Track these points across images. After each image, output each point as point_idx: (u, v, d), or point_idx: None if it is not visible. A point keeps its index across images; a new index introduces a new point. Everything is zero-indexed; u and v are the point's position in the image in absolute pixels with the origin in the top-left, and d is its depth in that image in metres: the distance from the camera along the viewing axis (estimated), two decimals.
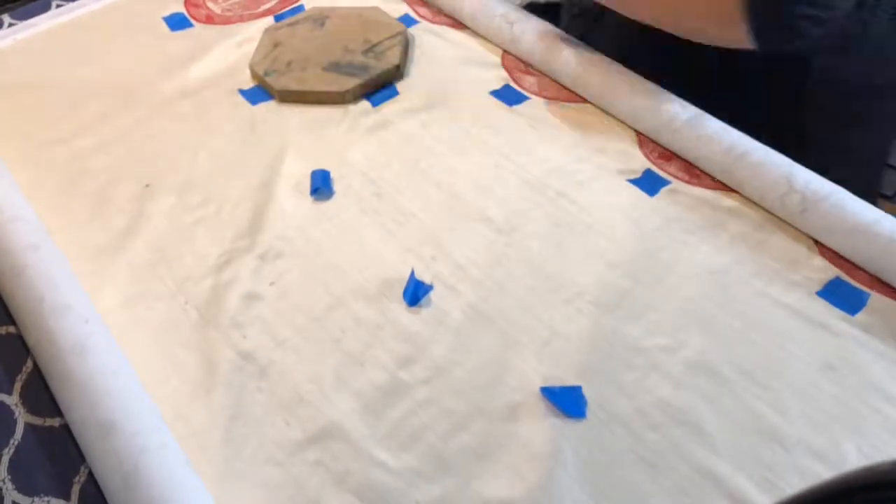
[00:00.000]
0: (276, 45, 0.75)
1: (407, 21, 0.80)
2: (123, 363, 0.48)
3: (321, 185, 0.62)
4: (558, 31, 0.73)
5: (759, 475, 0.44)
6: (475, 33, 0.78)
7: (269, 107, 0.71)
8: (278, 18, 0.81)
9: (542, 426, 0.47)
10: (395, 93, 0.71)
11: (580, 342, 0.51)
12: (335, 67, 0.72)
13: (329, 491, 0.44)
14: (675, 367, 0.49)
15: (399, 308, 0.53)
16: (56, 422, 0.48)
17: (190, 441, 0.47)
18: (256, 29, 0.79)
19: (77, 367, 0.46)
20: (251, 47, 0.77)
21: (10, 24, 0.83)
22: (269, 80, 0.71)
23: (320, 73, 0.72)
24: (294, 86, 0.70)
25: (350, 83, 0.70)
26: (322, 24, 0.78)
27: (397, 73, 0.73)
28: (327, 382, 0.49)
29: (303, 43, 0.75)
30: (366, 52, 0.73)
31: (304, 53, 0.74)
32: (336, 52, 0.74)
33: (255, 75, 0.74)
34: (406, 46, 0.76)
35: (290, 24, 0.78)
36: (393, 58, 0.73)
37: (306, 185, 0.63)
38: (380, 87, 0.72)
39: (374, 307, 0.54)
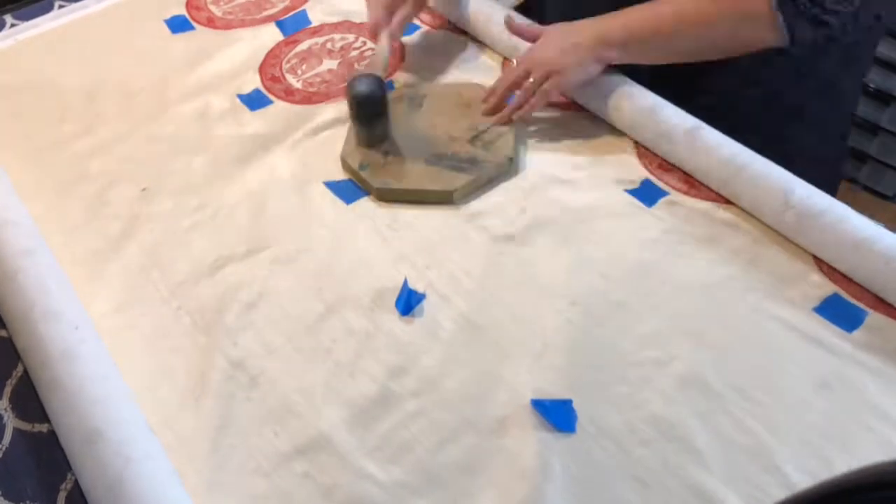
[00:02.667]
0: None
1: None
2: (112, 370, 0.48)
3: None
4: None
5: (750, 493, 0.44)
6: (475, 39, 0.78)
7: (267, 111, 0.71)
8: (280, 25, 0.80)
9: (532, 440, 0.46)
10: (391, 88, 0.71)
11: (572, 354, 0.51)
12: (439, 160, 0.62)
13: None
14: (666, 381, 0.49)
15: (391, 317, 0.53)
16: (45, 427, 0.48)
17: (177, 450, 0.46)
18: (256, 32, 0.79)
19: (65, 374, 0.46)
20: (251, 51, 0.77)
21: (13, 25, 0.83)
22: (364, 175, 0.61)
23: (423, 167, 0.61)
24: (394, 183, 0.61)
25: (458, 181, 0.60)
26: (420, 105, 0.67)
27: (510, 166, 0.62)
28: (317, 393, 0.49)
29: (399, 128, 0.64)
30: (472, 140, 0.63)
31: (402, 142, 0.63)
32: (439, 142, 0.63)
33: (346, 168, 0.63)
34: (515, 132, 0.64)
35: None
36: (505, 148, 0.62)
37: (302, 191, 0.62)
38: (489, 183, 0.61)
39: (367, 316, 0.53)
